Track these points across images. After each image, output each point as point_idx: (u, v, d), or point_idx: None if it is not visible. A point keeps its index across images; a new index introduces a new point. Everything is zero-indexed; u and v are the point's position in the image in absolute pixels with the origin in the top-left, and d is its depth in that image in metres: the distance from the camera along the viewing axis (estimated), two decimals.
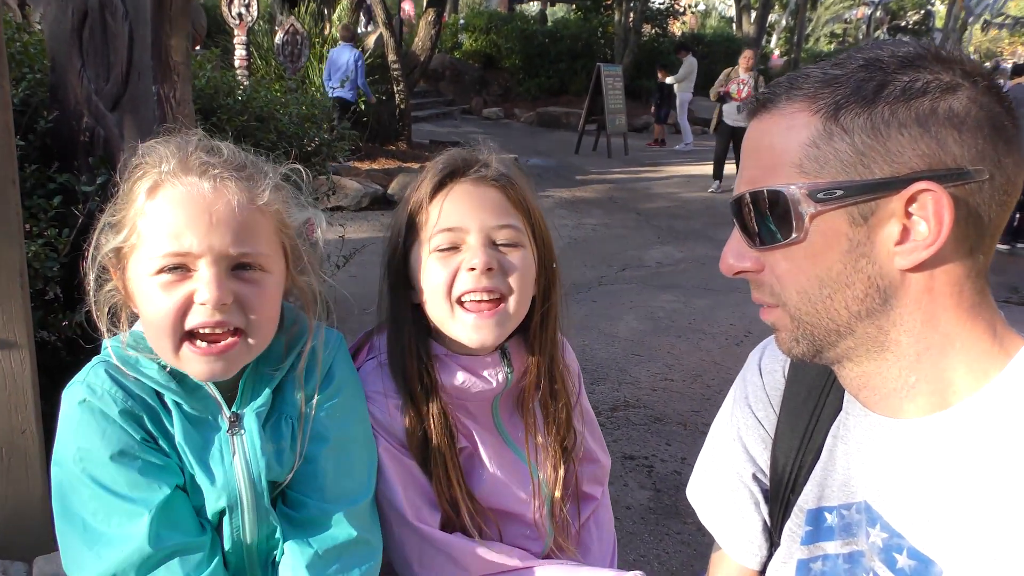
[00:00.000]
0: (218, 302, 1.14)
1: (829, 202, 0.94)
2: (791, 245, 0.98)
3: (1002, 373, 0.97)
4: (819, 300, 0.99)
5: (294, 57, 9.95)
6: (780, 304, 1.03)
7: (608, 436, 4.44)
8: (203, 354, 1.17)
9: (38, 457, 2.37)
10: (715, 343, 6.06)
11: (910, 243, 0.93)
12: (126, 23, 2.57)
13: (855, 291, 0.97)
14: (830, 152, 0.94)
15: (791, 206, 0.95)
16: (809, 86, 0.97)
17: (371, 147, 12.18)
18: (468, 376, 1.43)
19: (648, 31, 23.46)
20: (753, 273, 1.05)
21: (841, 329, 1.00)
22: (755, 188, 0.99)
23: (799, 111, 0.97)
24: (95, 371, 1.21)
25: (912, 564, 1.00)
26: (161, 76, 2.60)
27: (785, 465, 1.22)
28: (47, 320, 2.61)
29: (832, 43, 39.86)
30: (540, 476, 1.54)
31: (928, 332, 0.98)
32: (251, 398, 1.28)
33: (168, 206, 1.15)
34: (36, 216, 2.54)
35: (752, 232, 1.01)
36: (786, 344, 1.07)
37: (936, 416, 0.99)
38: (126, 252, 1.19)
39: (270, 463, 1.26)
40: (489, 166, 1.42)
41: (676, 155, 16.57)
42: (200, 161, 1.18)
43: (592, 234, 9.62)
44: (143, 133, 2.64)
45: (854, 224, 0.94)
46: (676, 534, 3.54)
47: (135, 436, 1.18)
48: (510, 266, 1.39)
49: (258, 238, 1.20)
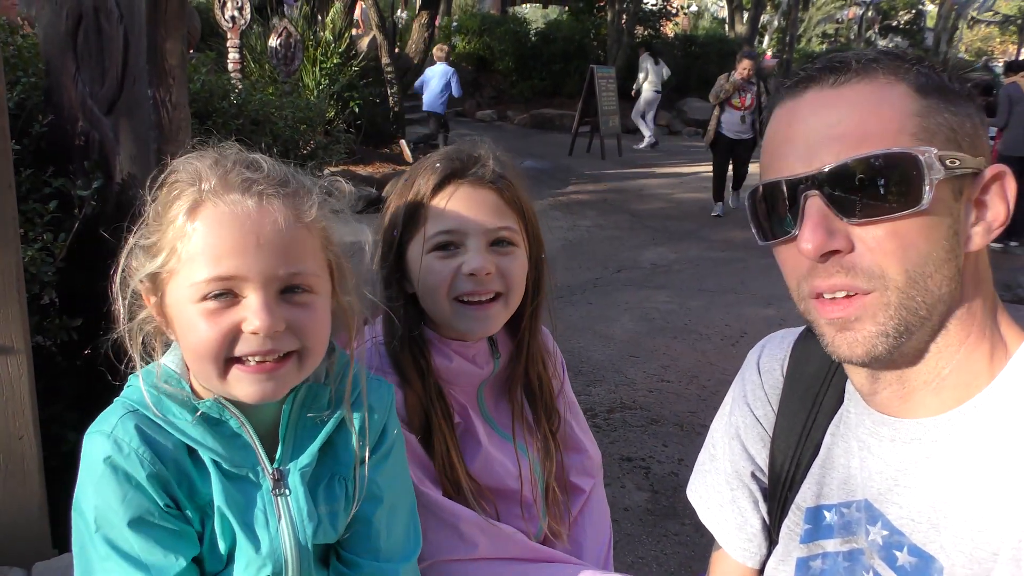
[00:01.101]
0: (270, 330, 1.06)
1: (952, 170, 0.91)
2: (909, 216, 0.91)
3: (1005, 370, 0.97)
4: (922, 280, 0.93)
5: (288, 60, 9.91)
6: (879, 288, 0.93)
7: (605, 438, 4.44)
8: (253, 373, 1.09)
9: (36, 462, 2.36)
10: (710, 344, 6.07)
11: (983, 223, 0.95)
12: (121, 26, 2.56)
13: (949, 270, 0.94)
14: (935, 124, 0.92)
15: (923, 171, 0.90)
16: (883, 64, 0.95)
17: (365, 150, 12.17)
18: (460, 360, 1.50)
19: (641, 33, 23.48)
20: (840, 255, 0.94)
21: (927, 316, 0.94)
22: (871, 152, 0.91)
23: (892, 83, 0.94)
24: (124, 424, 1.11)
25: (913, 561, 1.00)
26: (156, 80, 2.59)
27: (783, 463, 1.22)
28: (43, 325, 2.61)
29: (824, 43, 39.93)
30: (529, 456, 1.59)
31: (969, 319, 0.98)
32: (294, 451, 1.20)
33: (211, 227, 1.06)
34: (32, 221, 2.54)
35: (853, 203, 0.92)
36: (869, 341, 0.95)
37: (940, 417, 1.00)
38: (164, 278, 1.10)
39: (324, 527, 1.20)
40: (486, 166, 1.45)
41: (670, 156, 16.58)
42: (242, 177, 1.09)
43: (587, 236, 9.62)
44: (138, 137, 2.65)
45: (956, 198, 0.93)
46: (674, 535, 3.55)
47: (159, 502, 1.10)
48: (506, 267, 1.44)
49: (306, 257, 1.12)
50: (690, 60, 23.92)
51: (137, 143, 2.65)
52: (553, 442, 1.65)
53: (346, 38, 12.64)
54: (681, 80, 23.38)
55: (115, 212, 2.70)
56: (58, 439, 2.64)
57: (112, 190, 2.69)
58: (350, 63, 12.39)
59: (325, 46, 11.96)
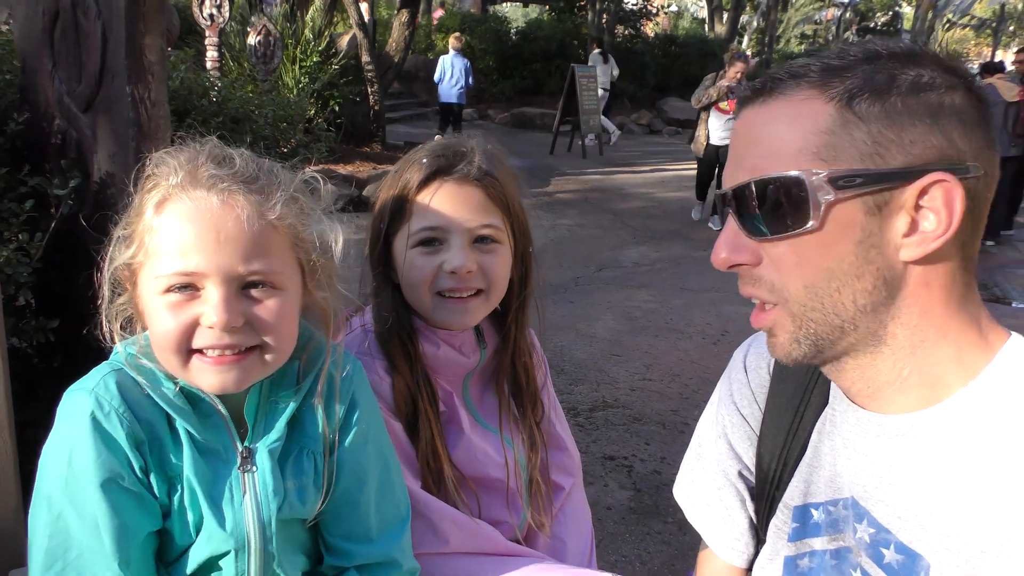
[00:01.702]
0: (226, 325, 1.08)
1: (848, 189, 0.92)
2: (803, 235, 0.95)
3: (988, 367, 0.98)
4: (826, 294, 0.97)
5: (267, 59, 9.85)
6: (780, 301, 1.00)
7: (588, 437, 4.44)
8: (214, 363, 1.11)
9: (12, 467, 2.32)
10: (692, 342, 6.09)
11: (918, 234, 0.94)
12: (99, 22, 2.52)
13: (864, 283, 0.96)
14: (846, 140, 0.93)
15: (809, 193, 0.93)
16: (814, 75, 0.96)
17: (345, 148, 12.12)
18: (447, 348, 1.52)
19: (621, 32, 23.56)
20: (748, 267, 1.02)
21: (845, 325, 0.98)
22: (764, 175, 0.96)
23: (810, 98, 0.95)
24: (106, 382, 1.13)
25: (900, 559, 1.00)
26: (135, 77, 2.55)
27: (770, 462, 1.23)
28: (19, 327, 2.56)
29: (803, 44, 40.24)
30: (515, 448, 1.61)
31: (924, 324, 0.98)
32: (264, 431, 1.22)
33: (175, 222, 1.09)
34: (7, 220, 2.49)
35: (754, 222, 0.98)
36: (784, 348, 1.03)
37: (927, 411, 1.00)
38: (135, 268, 1.14)
39: (292, 502, 1.21)
40: (472, 163, 1.46)
41: (651, 156, 16.64)
42: (209, 174, 1.10)
43: (568, 235, 9.63)
44: (117, 135, 2.61)
45: (869, 214, 0.94)
46: (657, 534, 3.55)
47: (133, 464, 1.12)
48: (488, 265, 1.47)
49: (270, 254, 1.13)
50: (670, 60, 24.07)
51: (115, 141, 2.61)
52: (538, 434, 1.67)
53: (326, 36, 12.59)
54: (661, 80, 23.51)
55: (93, 211, 2.65)
56: (34, 442, 2.59)
57: (90, 189, 2.65)
58: (330, 61, 12.34)
59: (305, 44, 11.91)
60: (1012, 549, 0.90)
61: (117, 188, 2.63)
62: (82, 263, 2.62)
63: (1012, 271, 8.75)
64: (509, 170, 1.53)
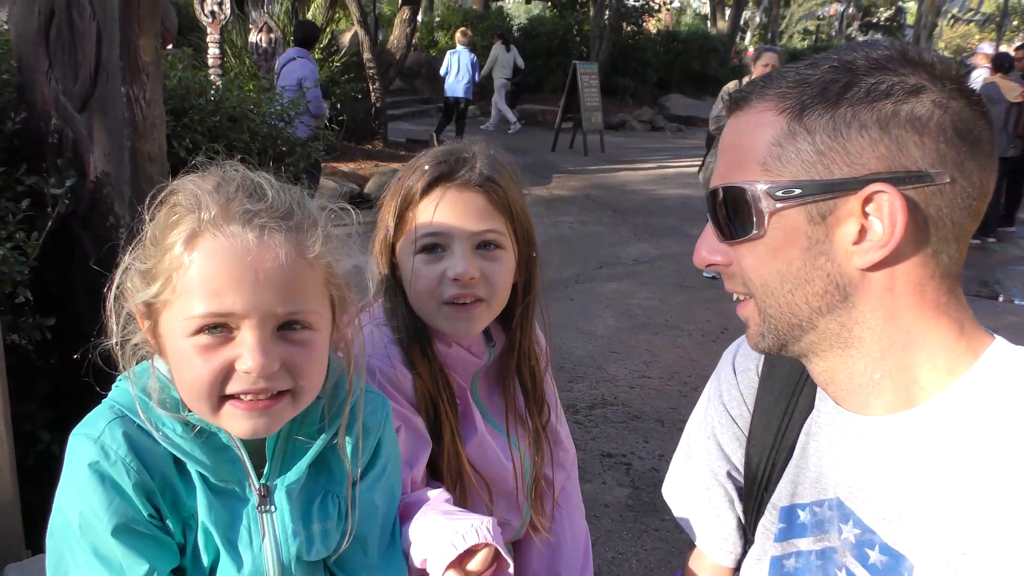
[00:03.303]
0: (264, 371, 1.02)
1: (787, 200, 0.96)
2: (753, 240, 1.00)
3: (969, 372, 0.98)
4: (781, 294, 1.02)
5: (269, 56, 9.86)
6: (751, 294, 1.06)
7: (586, 434, 4.45)
8: (246, 409, 1.05)
9: (8, 462, 2.33)
10: (691, 340, 6.09)
11: (866, 243, 0.94)
12: (94, 23, 2.52)
13: (814, 287, 0.99)
14: (792, 151, 0.96)
15: (752, 203, 0.98)
16: (780, 86, 0.99)
17: (347, 146, 12.12)
18: (457, 347, 1.53)
19: (624, 28, 23.51)
20: (723, 266, 1.08)
21: (803, 324, 1.02)
22: (724, 184, 1.02)
23: (767, 110, 0.99)
24: (111, 430, 1.08)
25: (884, 560, 1.01)
26: (130, 76, 2.56)
27: (759, 463, 1.23)
28: (17, 324, 2.58)
29: (805, 40, 40.16)
30: (520, 450, 1.62)
31: (891, 330, 0.99)
32: (283, 466, 1.17)
33: (209, 260, 1.02)
34: (4, 219, 2.50)
35: (722, 226, 1.04)
36: (754, 338, 1.10)
37: (904, 414, 1.00)
38: (159, 307, 1.07)
39: (316, 546, 1.18)
40: (474, 169, 1.46)
41: (652, 152, 16.63)
42: (244, 208, 1.04)
43: (569, 232, 9.63)
44: (112, 134, 2.62)
45: (812, 222, 0.96)
46: (654, 531, 3.56)
47: (143, 511, 1.07)
48: (491, 271, 1.47)
49: (307, 294, 1.07)
50: (672, 56, 24.00)
51: (111, 140, 2.62)
52: (544, 436, 1.68)
53: (327, 33, 12.58)
54: (663, 76, 23.46)
55: (89, 210, 2.67)
56: (32, 438, 2.62)
57: (86, 188, 2.66)
58: (331, 58, 12.34)
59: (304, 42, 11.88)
60: (993, 551, 0.90)
61: (113, 187, 2.64)
62: (78, 262, 2.65)
63: (1013, 268, 8.74)
64: (512, 175, 1.53)
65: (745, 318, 1.11)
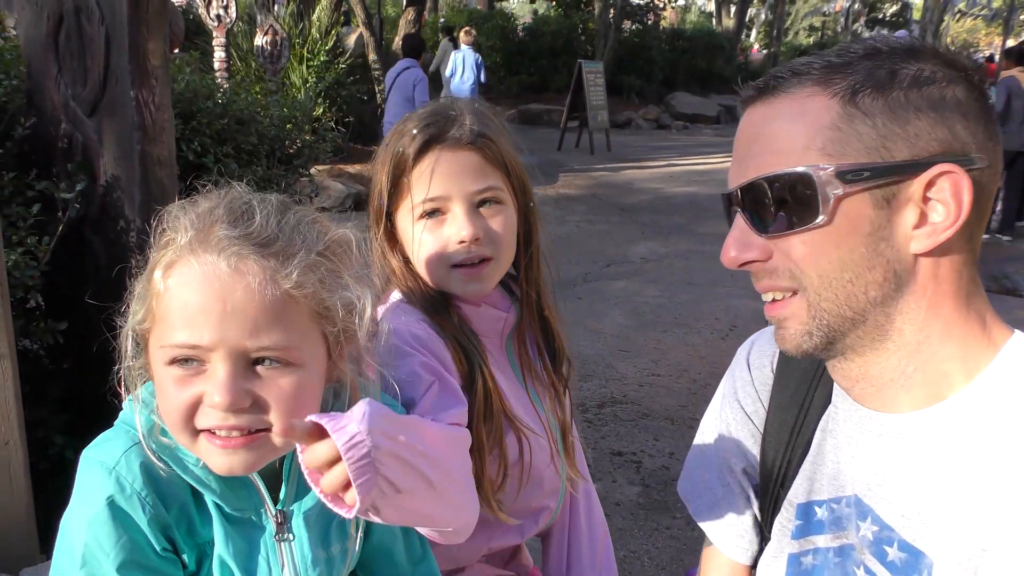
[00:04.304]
0: (231, 407, 0.97)
1: (856, 183, 0.93)
2: (811, 229, 0.95)
3: (992, 365, 0.97)
4: (840, 284, 0.97)
5: (274, 58, 9.86)
6: (800, 289, 1.00)
7: (596, 432, 4.44)
8: (221, 447, 1.00)
9: (22, 467, 2.34)
10: (700, 337, 6.08)
11: (928, 226, 0.94)
12: (102, 27, 2.53)
13: (875, 275, 0.96)
14: (852, 134, 0.93)
15: (817, 188, 0.93)
16: (817, 72, 0.96)
17: (353, 148, 12.13)
18: (486, 306, 1.53)
19: (629, 27, 23.49)
20: (760, 263, 1.02)
21: (855, 317, 0.99)
22: (773, 172, 0.97)
23: (814, 94, 0.96)
24: (128, 460, 1.04)
25: (903, 557, 1.00)
26: (139, 80, 2.56)
27: (774, 460, 1.22)
28: (28, 329, 2.59)
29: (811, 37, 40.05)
30: (545, 406, 1.60)
31: (930, 320, 0.98)
32: (298, 492, 1.12)
33: (181, 288, 0.99)
34: (15, 224, 2.51)
35: (763, 219, 0.99)
36: (795, 339, 1.03)
37: (931, 409, 0.99)
38: (144, 333, 1.05)
39: (336, 567, 1.16)
40: (464, 127, 1.43)
41: (659, 151, 16.60)
42: (221, 235, 0.99)
43: (576, 231, 9.62)
44: (122, 138, 2.62)
45: (877, 207, 0.94)
46: (665, 529, 3.55)
47: (155, 547, 1.04)
48: (494, 228, 1.45)
49: (284, 327, 1.00)
50: (677, 54, 23.95)
51: (120, 144, 2.63)
52: (562, 388, 1.66)
53: (333, 35, 12.59)
54: (669, 74, 23.41)
55: (99, 214, 2.68)
56: (45, 443, 2.63)
57: (96, 192, 2.67)
58: (337, 60, 12.35)
59: (312, 43, 11.91)
60: (1014, 547, 0.90)
61: (123, 191, 2.65)
62: (89, 266, 2.66)
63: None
64: (501, 127, 1.51)
65: (783, 318, 1.04)
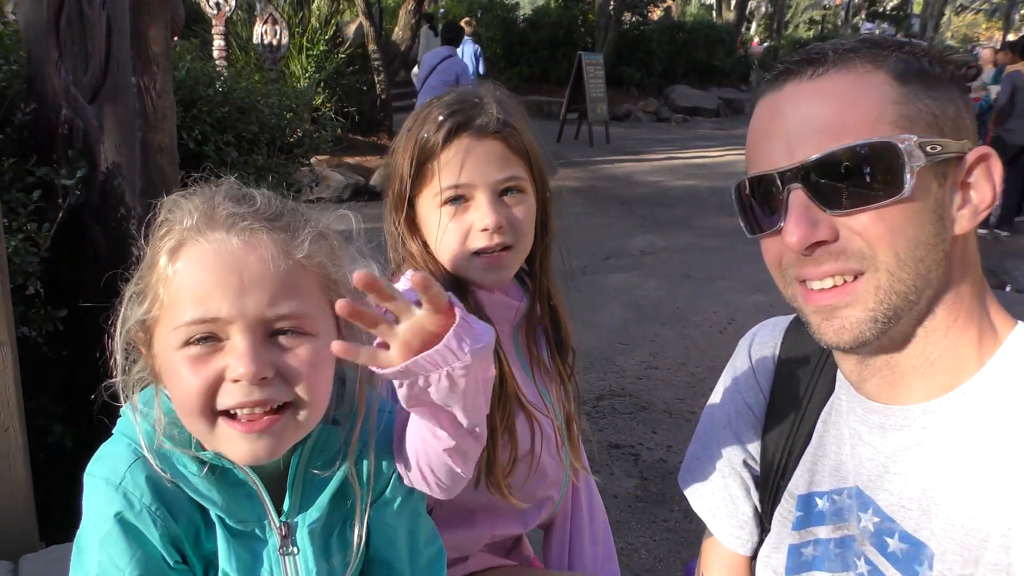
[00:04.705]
0: (255, 377, 0.96)
1: (935, 156, 0.91)
2: (892, 204, 0.91)
3: (997, 353, 0.98)
4: (912, 263, 0.93)
5: (274, 48, 9.83)
6: (870, 269, 0.94)
7: (594, 425, 4.45)
8: (244, 431, 0.99)
9: (22, 455, 2.34)
10: (699, 331, 6.08)
11: (970, 207, 0.95)
12: (103, 13, 2.52)
13: (937, 254, 0.94)
14: (915, 112, 0.92)
15: (904, 159, 0.90)
16: (862, 53, 0.95)
17: (353, 138, 12.11)
18: (499, 293, 1.54)
19: (629, 19, 23.42)
20: (827, 244, 0.95)
21: (916, 300, 0.95)
22: (850, 143, 0.92)
23: (870, 72, 0.94)
24: (133, 475, 1.03)
25: (904, 548, 1.01)
26: (141, 67, 2.56)
27: (775, 451, 1.23)
28: (28, 316, 2.58)
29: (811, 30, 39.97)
30: (551, 398, 1.61)
31: (957, 304, 0.98)
32: (302, 503, 1.12)
33: (192, 267, 0.98)
34: (15, 211, 2.51)
35: (835, 194, 0.93)
36: (858, 327, 0.96)
37: (932, 403, 1.00)
38: (150, 325, 1.03)
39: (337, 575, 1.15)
40: (490, 114, 1.45)
41: (658, 144, 16.58)
42: (227, 212, 1.00)
43: (575, 223, 9.61)
44: (123, 125, 2.61)
45: (940, 183, 0.94)
46: (663, 521, 3.56)
47: (168, 560, 1.04)
48: (516, 217, 1.47)
49: (300, 296, 1.01)
50: (677, 47, 23.89)
51: (122, 131, 2.62)
52: (568, 377, 1.67)
53: (332, 24, 12.55)
54: (668, 67, 23.35)
55: (100, 201, 2.67)
56: (44, 430, 2.62)
57: (97, 179, 2.66)
58: (337, 50, 12.30)
59: (311, 33, 11.87)
60: (1014, 537, 0.90)
61: (124, 178, 2.64)
62: (89, 253, 2.66)
63: None
64: (522, 114, 1.52)
65: (844, 305, 0.96)
